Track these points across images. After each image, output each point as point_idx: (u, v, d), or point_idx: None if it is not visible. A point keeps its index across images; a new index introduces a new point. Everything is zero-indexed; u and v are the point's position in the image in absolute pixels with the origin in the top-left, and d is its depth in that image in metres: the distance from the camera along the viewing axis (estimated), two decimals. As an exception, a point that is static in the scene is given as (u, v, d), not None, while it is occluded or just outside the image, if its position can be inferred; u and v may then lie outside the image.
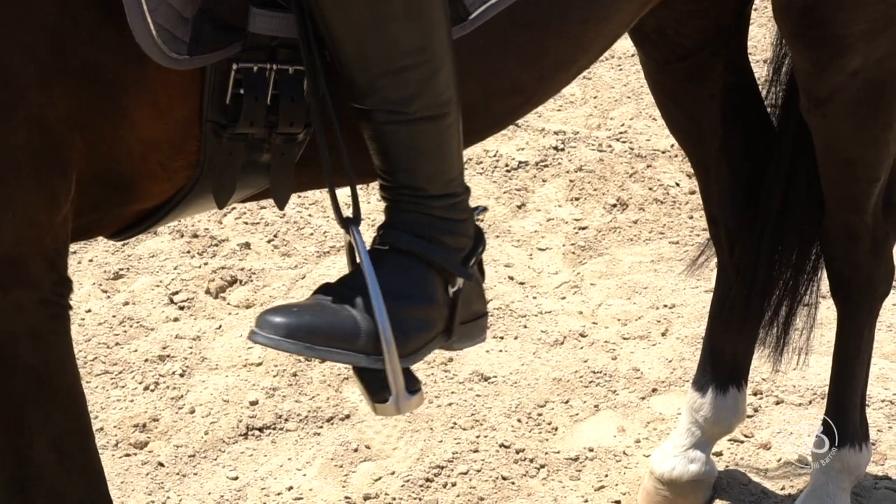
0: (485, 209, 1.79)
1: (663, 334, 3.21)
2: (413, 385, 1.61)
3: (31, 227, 1.34)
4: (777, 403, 2.95)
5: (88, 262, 3.55)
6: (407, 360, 1.58)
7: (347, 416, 2.90)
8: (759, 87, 2.41)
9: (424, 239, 1.56)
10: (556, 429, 2.87)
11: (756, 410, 2.92)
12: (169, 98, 1.42)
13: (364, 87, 1.48)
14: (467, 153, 4.08)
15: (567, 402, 2.96)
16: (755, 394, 2.97)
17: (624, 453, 2.78)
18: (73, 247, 3.64)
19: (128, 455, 2.78)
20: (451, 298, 1.61)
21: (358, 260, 1.59)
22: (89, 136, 1.38)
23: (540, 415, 2.92)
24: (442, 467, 2.73)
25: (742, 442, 2.81)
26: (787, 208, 2.38)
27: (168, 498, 2.66)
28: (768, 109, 2.40)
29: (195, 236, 3.65)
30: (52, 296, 1.42)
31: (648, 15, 2.20)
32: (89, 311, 3.31)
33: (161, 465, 2.75)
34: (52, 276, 1.41)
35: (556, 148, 4.19)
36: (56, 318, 1.43)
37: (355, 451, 2.80)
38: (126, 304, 3.35)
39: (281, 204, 1.63)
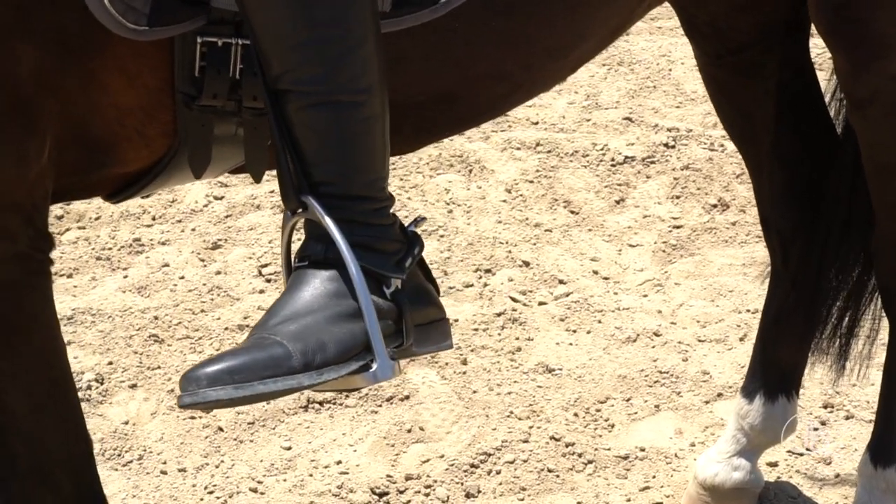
0: (424, 219, 1.77)
1: (741, 339, 3.13)
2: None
3: (1, 182, 1.41)
4: (847, 418, 2.84)
5: (191, 230, 3.68)
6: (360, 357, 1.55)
7: (407, 398, 2.93)
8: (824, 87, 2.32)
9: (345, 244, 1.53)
10: (613, 426, 2.84)
11: (823, 423, 2.82)
12: (138, 66, 1.47)
13: (276, 65, 1.47)
14: (573, 145, 4.06)
15: (628, 400, 2.92)
16: (825, 406, 2.87)
17: (675, 455, 2.73)
18: (178, 216, 3.79)
19: (192, 418, 2.88)
20: (393, 300, 1.58)
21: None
22: (62, 97, 1.44)
23: (598, 410, 2.89)
24: (489, 454, 2.74)
25: (801, 454, 2.72)
26: (851, 216, 2.29)
27: (222, 461, 2.75)
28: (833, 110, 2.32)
29: (294, 213, 3.75)
30: (29, 250, 1.49)
31: (698, 7, 2.15)
32: (182, 277, 3.44)
33: (221, 429, 2.84)
34: (28, 232, 1.48)
35: (666, 145, 4.12)
36: (33, 272, 1.50)
37: (409, 431, 2.83)
38: (218, 273, 3.46)
39: (257, 178, 1.66)
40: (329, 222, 1.51)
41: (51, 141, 1.47)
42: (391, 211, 1.61)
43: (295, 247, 1.65)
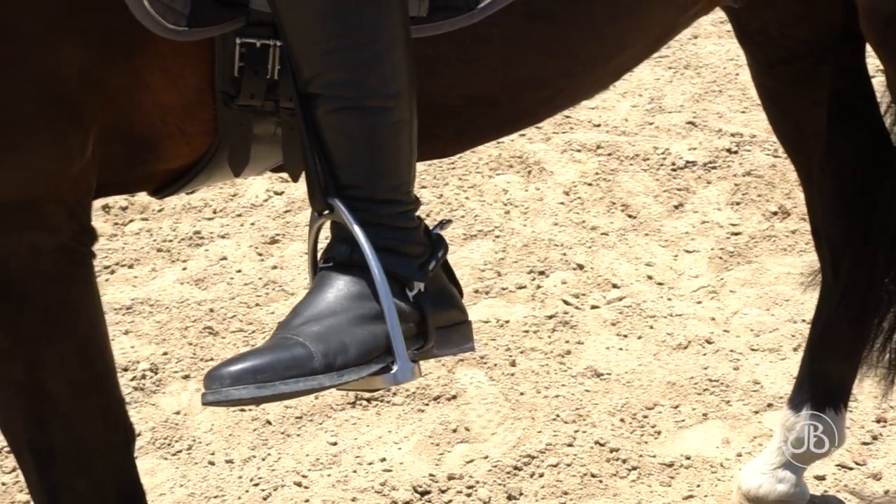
0: (449, 222, 1.78)
1: (795, 349, 3.08)
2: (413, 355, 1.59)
3: (43, 175, 1.45)
4: (900, 433, 2.79)
5: (251, 225, 3.73)
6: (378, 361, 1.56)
7: (454, 397, 2.95)
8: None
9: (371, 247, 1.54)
10: (659, 433, 2.82)
11: (875, 438, 2.78)
12: (179, 65, 1.50)
13: (307, 69, 1.49)
14: (634, 148, 4.04)
15: (676, 407, 2.90)
16: (878, 421, 2.83)
17: (721, 465, 2.71)
18: (238, 210, 3.84)
19: (242, 410, 2.92)
20: (415, 302, 1.59)
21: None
22: (106, 95, 1.48)
23: (645, 417, 2.87)
24: (533, 457, 2.74)
25: (851, 469, 2.68)
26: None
27: (268, 454, 2.78)
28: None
29: (352, 210, 3.77)
30: (72, 243, 1.53)
31: (751, 15, 2.13)
32: (239, 271, 3.49)
33: (269, 422, 2.88)
34: (72, 225, 1.52)
35: (728, 150, 4.08)
36: (75, 264, 1.54)
37: (454, 431, 2.84)
38: (274, 267, 3.50)
39: (294, 177, 1.68)
40: (354, 225, 1.53)
41: (95, 137, 1.50)
42: (416, 214, 1.63)
43: (322, 247, 1.67)
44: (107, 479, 1.68)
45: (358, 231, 1.52)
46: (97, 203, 3.80)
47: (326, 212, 1.57)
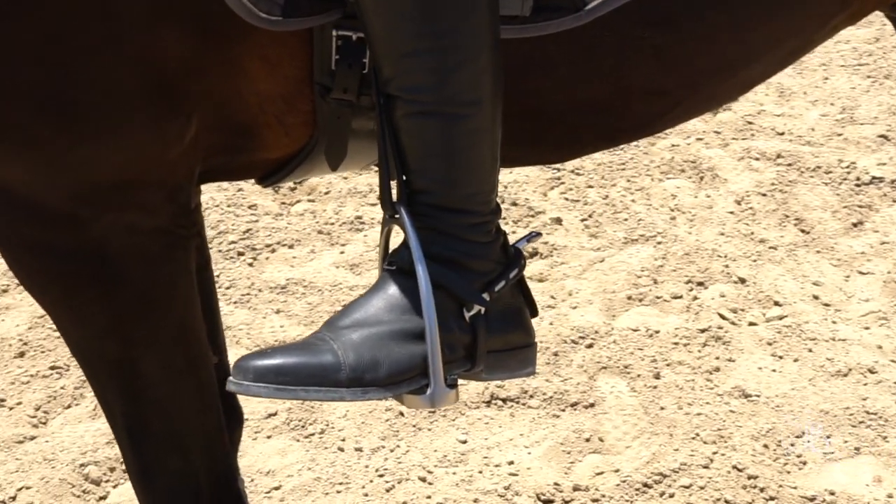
0: (538, 235, 1.68)
1: (966, 388, 2.87)
2: (450, 379, 1.51)
3: (139, 158, 1.46)
4: None
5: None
6: (408, 385, 1.48)
7: (591, 405, 2.86)
8: None
9: (433, 258, 1.48)
10: (805, 463, 2.67)
11: None
12: (278, 55, 1.48)
13: (387, 69, 1.45)
14: (817, 160, 3.84)
15: (827, 437, 2.74)
16: None
17: (867, 505, 2.54)
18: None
19: (378, 399, 2.92)
20: (470, 325, 1.51)
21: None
22: (206, 82, 1.47)
23: (791, 445, 2.72)
24: (665, 475, 2.63)
25: None
26: None
27: (397, 446, 2.77)
28: None
29: (514, 204, 3.73)
30: (170, 225, 1.53)
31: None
32: (394, 259, 3.49)
33: (402, 414, 2.86)
34: (171, 208, 1.52)
35: (921, 168, 3.83)
36: (173, 246, 1.54)
37: (587, 440, 2.76)
38: (429, 258, 3.49)
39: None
40: (410, 232, 1.48)
41: (196, 124, 1.50)
42: (495, 228, 1.55)
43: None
44: (199, 461, 1.69)
45: (413, 238, 1.47)
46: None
47: (395, 216, 1.52)
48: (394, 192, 1.52)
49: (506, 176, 3.88)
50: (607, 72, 1.57)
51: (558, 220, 3.64)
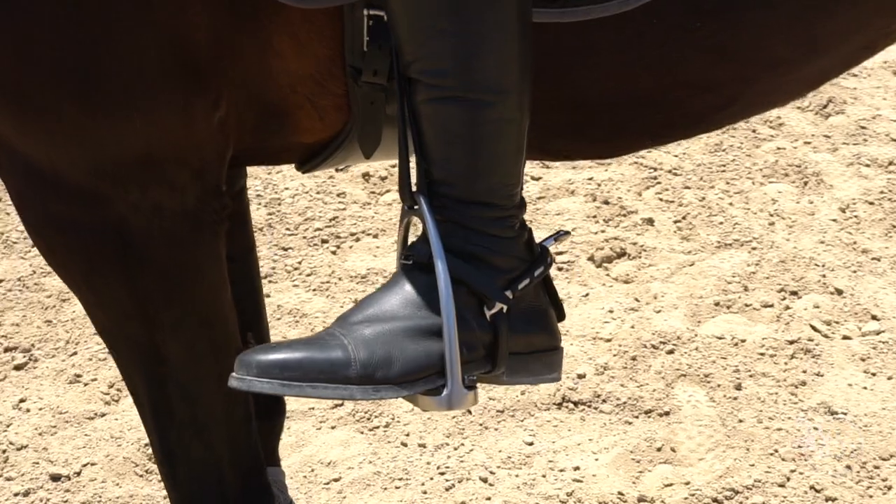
0: (567, 233, 1.58)
1: None
2: (469, 380, 1.43)
3: (163, 135, 1.41)
4: None
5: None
6: (423, 384, 1.40)
7: (666, 414, 2.75)
8: None
9: (453, 252, 1.40)
10: (889, 488, 2.51)
11: None
12: (308, 33, 1.42)
13: (408, 51, 1.36)
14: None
15: (916, 462, 2.58)
16: None
17: (953, 537, 2.37)
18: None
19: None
20: (491, 323, 1.43)
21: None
22: (237, 60, 1.42)
23: (877, 468, 2.57)
24: (737, 492, 2.51)
25: None
26: None
27: (462, 444, 2.70)
28: None
29: (606, 202, 3.62)
30: (197, 207, 1.48)
31: None
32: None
33: (469, 412, 2.79)
34: (198, 189, 1.48)
35: None
36: (199, 229, 1.50)
37: (658, 450, 2.65)
38: (514, 254, 3.41)
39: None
40: (430, 224, 1.40)
41: (226, 103, 1.45)
42: (519, 223, 1.47)
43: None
44: (223, 451, 1.64)
45: (432, 231, 1.39)
46: (356, 170, 3.85)
47: (414, 206, 1.44)
48: (413, 181, 1.45)
49: (599, 173, 3.78)
50: (655, 63, 1.47)
51: (650, 221, 3.52)
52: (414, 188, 1.44)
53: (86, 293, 1.51)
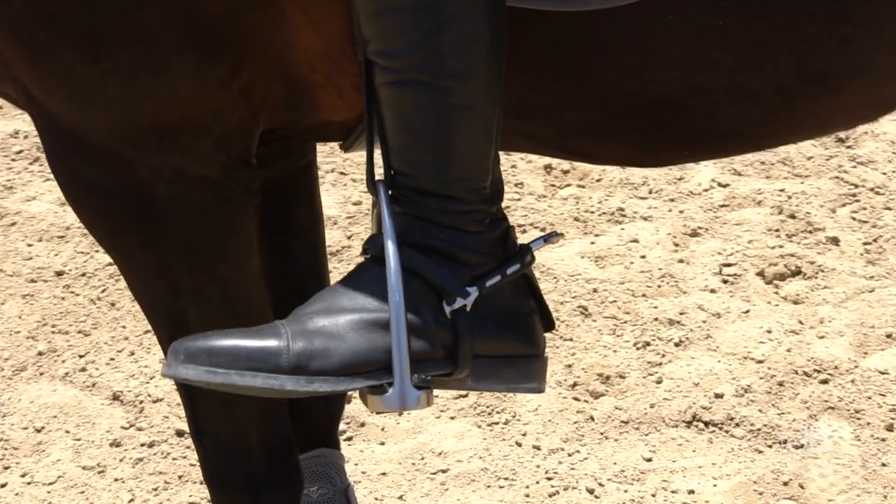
0: (560, 235, 1.43)
1: None
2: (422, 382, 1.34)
3: (174, 101, 1.38)
4: None
5: (679, 212, 3.49)
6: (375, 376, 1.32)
7: (802, 446, 2.55)
8: None
9: (412, 245, 1.32)
10: None
11: None
12: (318, 9, 1.36)
13: (365, 30, 1.28)
14: None
15: None
16: None
17: None
18: (673, 194, 3.61)
19: (576, 399, 2.76)
20: (451, 320, 1.33)
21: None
22: (256, 32, 1.39)
23: None
24: (861, 541, 2.30)
25: None
26: None
27: (577, 451, 2.60)
28: None
29: (793, 216, 3.40)
30: (221, 176, 1.46)
31: None
32: (644, 257, 3.28)
33: (592, 419, 2.69)
34: (222, 158, 1.46)
35: None
36: (223, 199, 1.47)
37: (785, 484, 2.46)
38: (680, 261, 3.26)
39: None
40: (385, 216, 1.32)
41: (248, 73, 1.43)
42: (489, 217, 1.36)
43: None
44: (251, 428, 1.63)
45: (385, 220, 1.32)
46: (539, 161, 3.78)
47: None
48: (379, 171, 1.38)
49: (794, 185, 3.55)
50: (674, 63, 1.33)
51: (835, 240, 3.27)
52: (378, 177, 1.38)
53: (114, 254, 1.53)
